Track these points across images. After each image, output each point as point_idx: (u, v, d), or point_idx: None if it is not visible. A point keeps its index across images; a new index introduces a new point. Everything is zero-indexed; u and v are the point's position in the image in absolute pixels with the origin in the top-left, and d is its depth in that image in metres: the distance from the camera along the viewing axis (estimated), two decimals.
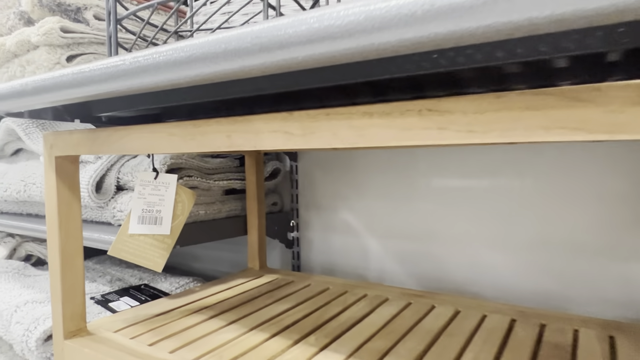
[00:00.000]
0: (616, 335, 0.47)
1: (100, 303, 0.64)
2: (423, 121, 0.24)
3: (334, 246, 0.84)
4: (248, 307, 0.58)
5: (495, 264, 0.66)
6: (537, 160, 0.62)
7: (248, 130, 0.32)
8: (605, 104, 0.20)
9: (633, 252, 0.56)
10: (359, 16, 0.20)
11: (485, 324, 0.51)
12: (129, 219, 0.51)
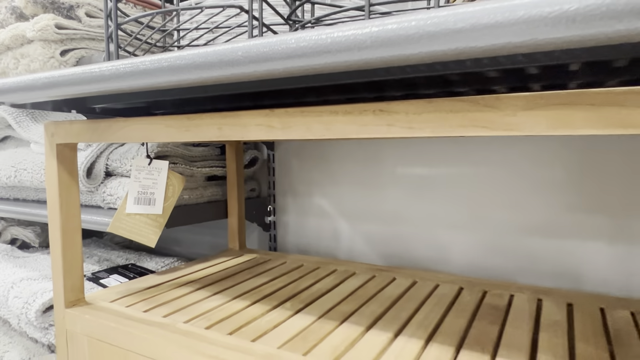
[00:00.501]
0: (544, 297, 0.56)
1: (92, 280, 0.69)
2: (376, 119, 0.32)
3: (308, 229, 0.91)
4: (230, 280, 0.64)
5: (450, 242, 0.75)
6: (488, 153, 0.71)
7: (236, 124, 0.38)
8: (503, 109, 0.27)
9: (566, 231, 0.66)
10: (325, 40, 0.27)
11: (437, 291, 0.59)
12: (126, 200, 0.56)
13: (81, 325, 0.52)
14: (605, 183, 0.63)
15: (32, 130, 0.73)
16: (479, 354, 0.41)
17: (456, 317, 0.50)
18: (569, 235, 0.66)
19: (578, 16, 0.20)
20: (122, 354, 0.49)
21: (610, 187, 0.63)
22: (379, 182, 0.81)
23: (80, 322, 0.53)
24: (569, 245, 0.66)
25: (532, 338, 0.45)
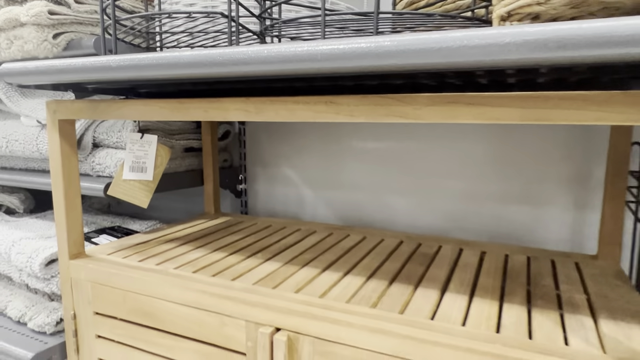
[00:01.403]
0: (465, 247, 0.70)
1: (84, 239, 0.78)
2: (327, 108, 0.43)
3: (276, 195, 1.02)
4: (209, 238, 0.75)
5: (396, 206, 0.88)
6: (429, 132, 0.84)
7: (219, 108, 0.48)
8: (413, 104, 0.39)
9: (488, 195, 0.80)
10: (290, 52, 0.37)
11: (382, 244, 0.72)
12: (122, 168, 0.66)
13: (85, 273, 0.62)
14: (519, 156, 0.77)
15: (22, 105, 0.80)
16: (406, 284, 0.55)
17: (393, 262, 0.64)
18: (490, 199, 0.80)
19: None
20: (121, 294, 0.60)
21: (523, 160, 0.77)
22: (338, 155, 0.93)
23: (84, 270, 0.63)
24: (490, 206, 0.80)
25: (448, 274, 0.59)
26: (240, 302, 0.51)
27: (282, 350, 0.48)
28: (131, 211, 1.18)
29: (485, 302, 0.50)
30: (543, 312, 0.48)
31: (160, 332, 0.58)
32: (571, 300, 0.51)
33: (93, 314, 0.63)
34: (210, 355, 0.55)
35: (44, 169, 0.86)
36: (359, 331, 0.45)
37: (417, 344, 0.43)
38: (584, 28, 0.28)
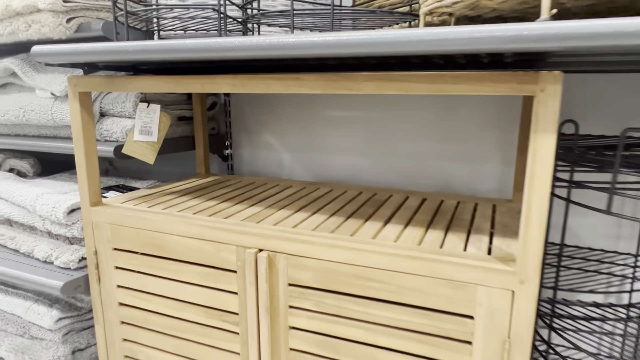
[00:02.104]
0: (410, 196, 0.88)
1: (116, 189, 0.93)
2: (294, 82, 0.58)
3: (258, 158, 1.17)
4: (203, 191, 0.91)
5: (360, 165, 1.04)
6: (388, 101, 0.99)
7: (213, 82, 0.63)
8: (355, 80, 0.55)
9: (440, 156, 0.97)
10: (266, 43, 0.52)
11: (345, 194, 0.89)
12: (133, 131, 0.80)
13: (104, 217, 0.77)
14: (459, 124, 0.94)
15: (36, 79, 0.92)
16: (359, 219, 0.72)
17: (352, 206, 0.80)
18: (435, 158, 0.97)
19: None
20: (134, 232, 0.75)
21: (462, 126, 0.94)
22: (312, 123, 1.08)
23: (103, 215, 0.78)
24: (435, 163, 0.97)
25: (392, 213, 0.76)
26: (231, 232, 0.67)
27: (264, 265, 0.65)
28: (127, 175, 1.32)
29: (416, 229, 0.67)
30: (455, 234, 0.65)
31: (168, 260, 0.74)
32: (479, 227, 0.69)
33: (112, 249, 0.78)
34: (208, 275, 0.71)
35: (55, 135, 0.99)
36: (320, 248, 0.62)
37: (361, 253, 0.60)
38: (449, 32, 0.44)
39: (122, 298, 0.80)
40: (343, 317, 0.63)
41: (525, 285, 0.52)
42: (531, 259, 0.51)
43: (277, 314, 0.67)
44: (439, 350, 0.58)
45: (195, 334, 0.75)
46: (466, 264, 0.55)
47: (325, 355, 0.65)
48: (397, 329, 0.60)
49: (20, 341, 0.93)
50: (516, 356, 0.54)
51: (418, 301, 0.58)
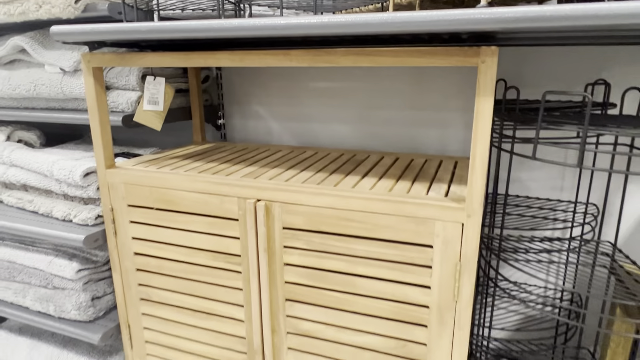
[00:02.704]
0: (385, 156, 1.01)
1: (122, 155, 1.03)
2: (284, 57, 0.69)
3: (249, 128, 1.28)
4: (203, 155, 1.02)
5: (341, 131, 1.17)
6: (365, 74, 1.11)
7: (214, 58, 0.74)
8: (335, 54, 0.66)
9: (411, 122, 1.09)
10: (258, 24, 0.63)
11: (328, 156, 1.02)
12: (143, 101, 0.90)
13: (119, 177, 0.89)
14: (428, 92, 1.06)
15: (45, 55, 1.01)
16: (341, 174, 0.85)
17: (334, 164, 0.93)
18: (407, 123, 1.10)
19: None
20: (147, 190, 0.87)
21: (430, 95, 1.06)
22: (298, 94, 1.19)
23: (118, 175, 0.89)
24: (407, 128, 1.10)
25: (369, 169, 0.89)
26: (233, 186, 0.80)
27: (262, 212, 0.77)
28: (128, 144, 1.42)
29: (388, 180, 0.81)
30: (421, 183, 0.79)
31: (177, 213, 0.86)
32: (441, 178, 0.82)
33: (127, 206, 0.90)
34: (214, 224, 0.83)
35: (63, 107, 1.08)
36: (309, 196, 0.75)
37: (343, 199, 0.73)
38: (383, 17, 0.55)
39: (137, 248, 0.92)
40: (328, 252, 0.76)
41: (471, 218, 0.66)
42: (476, 197, 0.65)
43: (273, 253, 0.80)
44: (406, 275, 0.72)
45: (203, 275, 0.88)
46: (427, 204, 0.68)
47: (314, 285, 0.79)
48: (373, 259, 0.74)
49: (44, 292, 1.04)
50: (465, 275, 0.69)
51: (389, 236, 0.72)
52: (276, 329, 0.84)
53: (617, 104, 0.92)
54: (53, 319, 1.04)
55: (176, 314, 0.93)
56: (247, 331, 0.87)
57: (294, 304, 0.82)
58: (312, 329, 0.82)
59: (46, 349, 1.17)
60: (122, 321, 0.99)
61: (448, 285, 0.70)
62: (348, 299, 0.77)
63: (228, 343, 0.90)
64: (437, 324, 0.73)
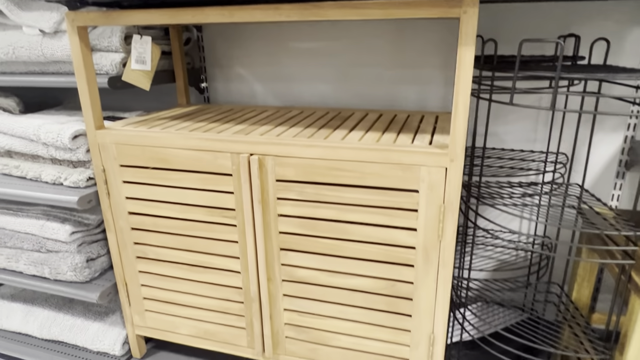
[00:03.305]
0: (369, 113, 1.04)
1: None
2: (274, 12, 0.71)
3: (232, 90, 1.29)
4: (190, 116, 1.03)
5: (325, 90, 1.19)
6: (347, 33, 1.13)
7: (202, 14, 0.75)
8: (323, 8, 0.68)
9: (392, 80, 1.13)
10: None
11: (314, 113, 1.04)
12: (130, 61, 0.90)
13: (109, 138, 0.90)
14: (408, 51, 1.10)
15: (22, 16, 0.99)
16: (329, 129, 0.88)
17: (322, 121, 0.96)
18: (389, 81, 1.13)
19: None
20: (140, 149, 0.88)
21: (411, 53, 1.10)
22: (280, 54, 1.21)
23: (108, 136, 0.90)
24: (388, 86, 1.14)
25: (355, 124, 0.92)
26: (226, 142, 0.82)
27: (255, 166, 0.80)
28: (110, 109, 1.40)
29: (375, 133, 0.85)
30: (406, 135, 0.83)
31: (171, 171, 0.88)
32: (424, 130, 0.87)
33: (119, 166, 0.91)
34: (208, 179, 0.86)
35: (44, 71, 1.07)
36: (301, 148, 0.78)
37: (333, 150, 0.76)
38: None
39: (131, 207, 0.94)
40: (320, 202, 0.80)
41: (454, 162, 0.71)
42: (459, 142, 0.70)
43: (267, 205, 0.84)
44: (394, 219, 0.78)
45: (198, 230, 0.91)
46: (413, 151, 0.73)
47: (307, 233, 0.84)
48: (362, 206, 0.79)
49: (37, 255, 1.06)
50: (449, 216, 0.74)
51: (378, 183, 0.76)
52: (272, 278, 0.89)
53: (586, 56, 0.98)
54: (49, 281, 1.05)
55: (173, 270, 0.97)
56: (243, 281, 0.92)
57: (288, 252, 0.86)
58: (306, 276, 0.87)
59: (41, 313, 1.19)
60: (119, 280, 1.02)
61: (433, 227, 0.76)
62: (340, 244, 0.82)
63: (225, 294, 0.95)
64: (423, 263, 0.79)
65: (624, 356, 0.69)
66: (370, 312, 0.86)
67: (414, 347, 0.85)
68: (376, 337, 0.87)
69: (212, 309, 0.98)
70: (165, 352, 1.13)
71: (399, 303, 0.83)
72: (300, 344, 0.93)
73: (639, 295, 0.66)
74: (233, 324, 0.97)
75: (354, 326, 0.88)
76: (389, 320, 0.85)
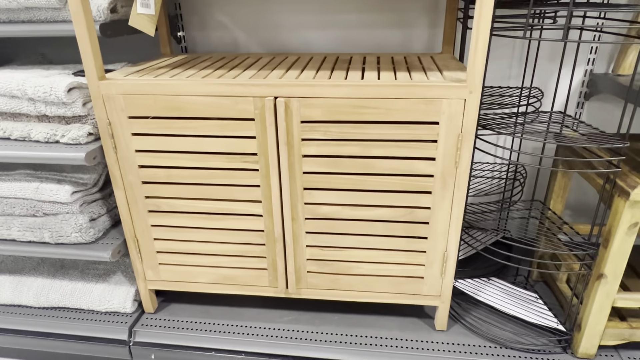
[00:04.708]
0: (367, 56, 1.08)
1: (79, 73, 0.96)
2: None
3: (212, 39, 1.25)
4: (188, 64, 1.00)
5: (311, 37, 1.20)
6: None
7: None
8: None
9: (381, 24, 1.16)
10: None
11: (314, 58, 1.06)
12: (136, 5, 0.84)
13: (116, 88, 0.85)
14: None
15: None
16: (341, 71, 0.91)
17: (327, 64, 0.98)
18: (376, 26, 1.17)
19: None
20: (151, 99, 0.85)
21: None
22: (264, 1, 1.18)
23: (114, 86, 0.85)
24: (376, 31, 1.18)
25: (362, 66, 0.96)
26: (249, 86, 0.82)
27: (282, 108, 0.82)
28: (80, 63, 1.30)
29: (387, 72, 0.89)
30: (416, 73, 0.89)
31: (187, 119, 0.87)
32: (429, 68, 0.93)
33: (127, 118, 0.88)
34: (227, 126, 0.86)
35: (12, 19, 0.96)
36: (326, 88, 0.81)
37: (358, 88, 0.80)
38: None
39: (141, 161, 0.92)
40: (345, 139, 0.85)
41: (472, 94, 0.78)
42: (477, 74, 0.77)
43: (292, 146, 0.86)
44: (415, 150, 0.84)
45: (217, 178, 0.92)
46: (435, 85, 0.79)
47: (331, 171, 0.88)
48: (386, 141, 0.84)
49: (32, 220, 1.00)
50: (465, 144, 0.83)
51: (401, 118, 0.82)
52: (295, 217, 0.93)
53: None
54: (50, 245, 1.01)
55: (188, 220, 0.97)
56: (265, 224, 0.95)
57: (311, 191, 0.91)
58: (329, 212, 0.92)
59: (34, 282, 1.13)
60: (129, 236, 1.01)
61: (450, 155, 0.84)
62: (362, 179, 0.88)
63: (245, 238, 0.98)
64: (440, 189, 0.87)
65: (608, 248, 0.83)
66: (389, 239, 0.94)
67: (429, 266, 0.95)
68: (394, 260, 0.96)
69: (232, 254, 1.00)
70: (178, 304, 1.14)
71: (416, 227, 0.92)
72: (322, 277, 1.00)
73: (622, 197, 0.80)
74: (254, 266, 1.01)
75: (373, 254, 0.96)
76: (407, 244, 0.94)
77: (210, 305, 1.14)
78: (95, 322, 1.08)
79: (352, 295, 1.01)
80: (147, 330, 1.06)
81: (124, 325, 1.06)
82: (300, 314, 1.10)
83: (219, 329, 1.06)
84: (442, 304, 1.00)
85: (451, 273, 0.95)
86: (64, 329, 1.08)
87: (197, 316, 1.10)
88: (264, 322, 1.07)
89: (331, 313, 1.10)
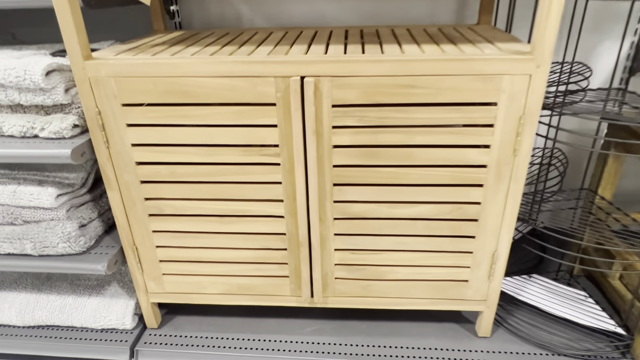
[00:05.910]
0: (379, 29, 0.94)
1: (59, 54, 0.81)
2: None
3: (211, 13, 1.10)
4: (188, 41, 0.85)
5: (326, 8, 1.06)
6: None
7: None
8: None
9: None
10: None
11: (334, 32, 0.92)
12: None
13: (106, 70, 0.70)
14: None
15: None
16: (374, 45, 0.77)
17: (354, 38, 0.84)
18: None
19: None
20: (151, 81, 0.71)
21: None
22: None
23: (104, 68, 0.70)
24: (399, 1, 1.04)
25: (395, 39, 0.82)
26: (270, 64, 0.68)
27: (311, 90, 0.68)
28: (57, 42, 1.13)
29: (429, 45, 0.76)
30: (464, 45, 0.75)
31: (194, 105, 0.72)
32: (475, 40, 0.80)
33: (121, 106, 0.73)
34: (243, 112, 0.72)
35: None
36: (364, 65, 0.67)
37: (404, 63, 0.67)
38: None
39: (139, 157, 0.77)
40: (384, 126, 0.72)
41: (540, 68, 0.66)
42: (547, 45, 0.64)
43: (321, 135, 0.73)
44: (467, 137, 0.72)
45: (230, 175, 0.78)
46: (496, 58, 0.66)
47: (366, 164, 0.75)
48: (433, 126, 0.71)
49: (11, 229, 0.85)
50: (527, 128, 0.70)
51: (452, 98, 0.69)
52: (323, 218, 0.80)
53: None
54: (33, 258, 0.86)
55: (196, 224, 0.83)
56: (287, 226, 0.82)
57: (342, 187, 0.78)
58: (362, 210, 0.79)
59: (15, 297, 0.99)
60: (127, 244, 0.86)
61: (509, 141, 0.71)
62: (402, 172, 0.75)
63: (263, 243, 0.85)
64: (493, 182, 0.75)
65: None
66: (430, 240, 0.82)
67: (475, 268, 0.84)
68: (435, 263, 0.84)
69: (248, 261, 0.87)
70: (184, 317, 1.01)
71: (464, 225, 0.80)
72: (352, 283, 0.88)
73: None
74: (274, 273, 0.88)
75: (411, 256, 0.84)
76: (451, 245, 0.82)
77: (221, 316, 1.01)
78: (90, 341, 0.94)
79: (385, 302, 0.89)
80: (152, 349, 0.92)
81: (124, 344, 0.93)
82: (324, 323, 0.98)
83: (233, 344, 0.93)
84: (488, 309, 0.88)
85: (500, 275, 0.84)
86: (54, 351, 0.94)
87: (207, 330, 0.97)
88: (285, 335, 0.95)
89: (358, 321, 0.98)
